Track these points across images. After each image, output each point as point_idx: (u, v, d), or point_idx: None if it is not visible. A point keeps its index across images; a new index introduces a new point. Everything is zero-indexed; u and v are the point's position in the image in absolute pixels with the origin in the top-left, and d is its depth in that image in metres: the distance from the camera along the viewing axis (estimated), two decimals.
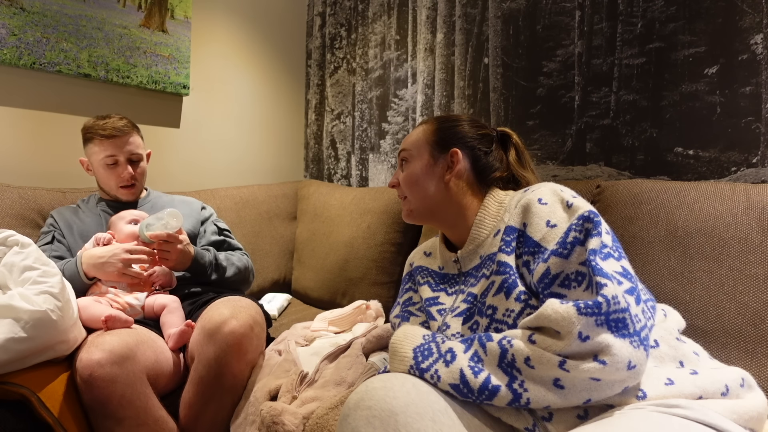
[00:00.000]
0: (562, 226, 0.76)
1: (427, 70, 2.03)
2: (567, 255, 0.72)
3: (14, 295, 1.00)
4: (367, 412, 0.65)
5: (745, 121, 1.31)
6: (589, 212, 0.75)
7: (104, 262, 1.25)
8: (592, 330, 0.64)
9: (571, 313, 0.65)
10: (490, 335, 0.74)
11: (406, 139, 1.02)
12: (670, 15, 1.43)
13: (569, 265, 0.72)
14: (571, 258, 0.72)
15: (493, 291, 0.81)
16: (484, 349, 0.72)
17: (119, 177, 1.43)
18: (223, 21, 2.19)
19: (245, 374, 1.19)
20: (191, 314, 1.32)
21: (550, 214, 0.78)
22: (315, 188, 2.18)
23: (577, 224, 0.74)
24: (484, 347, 0.72)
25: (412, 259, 1.08)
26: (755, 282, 1.01)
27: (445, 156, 0.96)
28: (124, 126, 1.43)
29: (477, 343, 0.74)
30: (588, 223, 0.74)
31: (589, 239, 0.72)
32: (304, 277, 2.00)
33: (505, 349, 0.70)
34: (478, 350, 0.72)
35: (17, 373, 1.00)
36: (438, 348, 0.76)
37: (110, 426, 1.03)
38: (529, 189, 0.87)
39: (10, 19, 1.56)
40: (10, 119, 1.61)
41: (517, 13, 1.75)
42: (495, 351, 0.71)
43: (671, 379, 0.69)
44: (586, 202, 0.79)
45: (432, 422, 0.65)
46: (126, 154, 1.43)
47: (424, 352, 0.77)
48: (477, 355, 0.72)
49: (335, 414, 0.92)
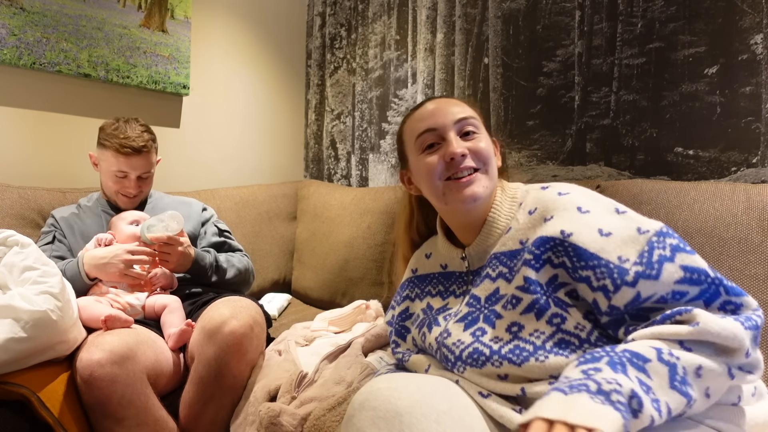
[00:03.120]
0: (620, 234, 0.71)
1: (427, 70, 2.03)
2: (656, 276, 0.67)
3: (14, 295, 1.00)
4: (372, 413, 0.65)
5: (745, 121, 1.31)
6: (665, 226, 0.71)
7: (106, 262, 1.25)
8: (752, 345, 0.64)
9: (739, 329, 0.62)
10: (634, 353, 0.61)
11: (457, 107, 0.88)
12: (670, 15, 1.43)
13: (662, 286, 0.67)
14: (662, 278, 0.67)
15: (522, 308, 0.75)
16: (645, 373, 0.59)
17: (123, 188, 1.43)
18: (223, 21, 2.19)
19: (245, 374, 1.19)
20: (191, 314, 1.32)
21: (598, 222, 0.73)
22: (315, 188, 2.18)
23: (659, 241, 0.69)
24: (644, 371, 0.59)
25: (415, 265, 1.01)
26: (755, 282, 1.01)
27: (491, 138, 0.91)
28: (143, 146, 1.39)
29: (630, 365, 0.60)
30: (671, 239, 0.70)
31: (679, 254, 0.68)
32: (304, 277, 2.00)
33: (674, 364, 0.60)
34: (639, 376, 0.59)
35: (17, 373, 1.00)
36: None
37: (110, 426, 1.03)
38: (550, 189, 0.81)
39: (10, 19, 1.56)
40: (10, 119, 1.61)
41: (517, 13, 1.75)
42: (662, 371, 0.60)
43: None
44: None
45: (436, 423, 0.65)
46: (137, 172, 1.42)
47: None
48: (640, 381, 0.58)
49: (332, 416, 0.92)
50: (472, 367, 0.78)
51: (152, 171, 1.47)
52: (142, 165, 1.41)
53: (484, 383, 0.76)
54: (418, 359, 0.91)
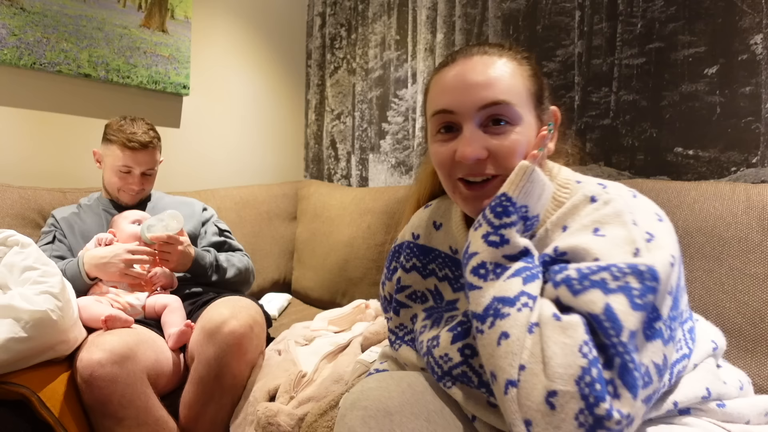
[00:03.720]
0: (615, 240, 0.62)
1: (427, 70, 2.03)
2: (575, 293, 0.61)
3: (15, 295, 1.00)
4: (362, 412, 0.65)
5: (745, 121, 1.31)
6: (658, 268, 0.58)
7: (106, 262, 1.26)
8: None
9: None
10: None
11: (495, 79, 0.67)
12: (670, 15, 1.43)
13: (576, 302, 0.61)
14: (580, 297, 0.61)
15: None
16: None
17: (126, 184, 1.44)
18: (223, 21, 2.19)
19: (245, 374, 1.19)
20: (191, 314, 1.32)
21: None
22: (315, 188, 2.18)
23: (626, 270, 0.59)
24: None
25: (417, 230, 0.83)
26: (755, 281, 1.01)
27: (545, 115, 0.72)
28: (149, 143, 1.42)
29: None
30: (637, 283, 0.58)
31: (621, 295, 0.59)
32: (304, 277, 2.00)
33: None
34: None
35: (17, 373, 1.00)
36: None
37: (110, 426, 1.03)
38: (627, 194, 0.67)
39: (11, 20, 1.56)
40: (10, 119, 1.62)
41: (517, 13, 1.75)
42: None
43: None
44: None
45: (427, 422, 0.65)
46: (142, 168, 1.43)
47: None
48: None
49: (324, 420, 0.92)
50: (461, 383, 0.68)
51: (155, 169, 1.49)
52: (147, 161, 1.43)
53: (471, 406, 0.68)
54: (410, 354, 0.81)
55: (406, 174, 2.12)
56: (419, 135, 2.06)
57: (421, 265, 0.82)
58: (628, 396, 0.51)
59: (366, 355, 1.10)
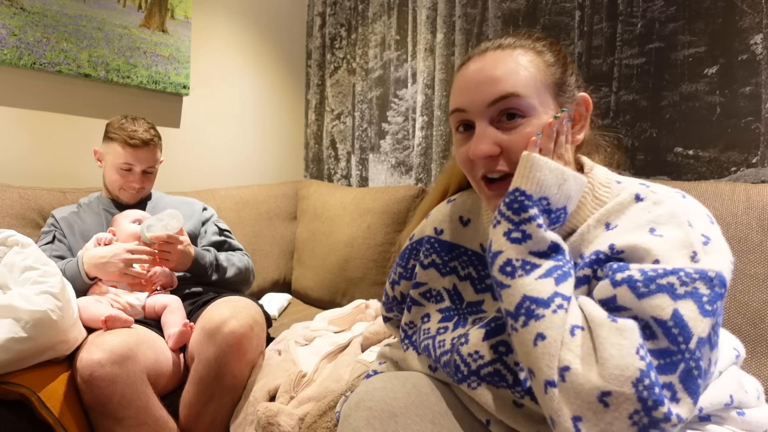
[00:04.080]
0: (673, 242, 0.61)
1: (427, 70, 2.03)
2: (640, 296, 0.59)
3: (14, 295, 1.00)
4: (367, 413, 0.64)
5: (745, 121, 1.31)
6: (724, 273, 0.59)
7: (106, 261, 1.26)
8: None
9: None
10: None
11: (507, 74, 0.66)
12: (670, 15, 1.43)
13: (639, 309, 0.60)
14: (644, 302, 0.60)
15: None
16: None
17: (127, 182, 1.44)
18: (223, 21, 2.19)
19: (245, 374, 1.19)
20: (191, 314, 1.32)
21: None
22: (315, 188, 2.18)
23: (695, 275, 0.58)
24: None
25: (441, 224, 0.80)
26: (755, 281, 1.01)
27: (570, 103, 0.69)
28: (151, 140, 1.43)
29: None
30: (706, 288, 0.58)
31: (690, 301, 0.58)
32: (304, 277, 2.01)
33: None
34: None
35: (17, 373, 1.00)
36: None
37: (110, 426, 1.03)
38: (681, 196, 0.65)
39: (11, 20, 1.56)
40: (10, 119, 1.61)
41: (517, 13, 1.75)
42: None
43: None
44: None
45: (432, 424, 0.64)
46: (143, 166, 1.44)
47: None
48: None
49: (324, 420, 0.92)
50: (488, 384, 0.66)
51: (156, 167, 1.49)
52: (148, 158, 1.44)
53: (497, 408, 0.66)
54: (414, 360, 0.79)
55: (406, 174, 2.12)
56: (419, 135, 2.06)
57: (441, 262, 0.79)
58: (688, 401, 0.51)
59: (366, 355, 1.11)
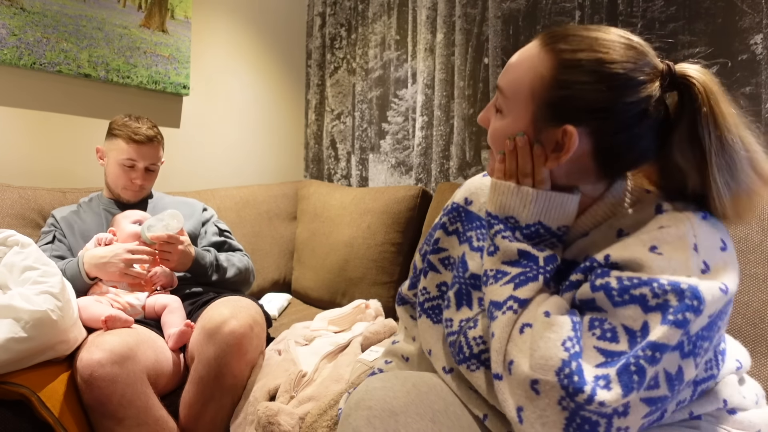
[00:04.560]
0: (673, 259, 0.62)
1: (427, 70, 2.03)
2: (615, 305, 0.63)
3: (14, 295, 1.00)
4: (367, 412, 0.65)
5: None
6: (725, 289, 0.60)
7: (106, 262, 1.26)
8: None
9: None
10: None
11: (511, 67, 0.68)
12: (670, 15, 1.43)
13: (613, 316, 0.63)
14: (618, 311, 0.63)
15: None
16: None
17: (130, 180, 1.45)
18: (223, 21, 2.19)
19: (245, 374, 1.19)
20: (191, 314, 1.32)
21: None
22: (315, 188, 2.18)
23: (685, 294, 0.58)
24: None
25: (471, 195, 0.81)
26: (755, 281, 1.01)
27: (549, 127, 0.64)
28: (154, 137, 1.45)
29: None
30: (692, 314, 0.59)
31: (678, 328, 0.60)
32: (304, 277, 2.01)
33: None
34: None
35: (17, 373, 1.00)
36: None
37: (110, 426, 1.03)
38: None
39: (11, 20, 1.56)
40: (10, 119, 1.62)
41: (517, 13, 1.75)
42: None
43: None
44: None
45: (432, 423, 0.65)
46: (145, 163, 1.45)
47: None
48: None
49: (324, 420, 0.92)
50: (486, 369, 0.68)
51: (158, 165, 1.50)
52: (151, 155, 1.45)
53: (486, 390, 0.67)
54: (425, 330, 0.80)
55: (406, 174, 2.12)
56: (419, 135, 2.06)
57: (462, 231, 0.80)
58: (618, 391, 0.54)
59: (366, 355, 1.11)
